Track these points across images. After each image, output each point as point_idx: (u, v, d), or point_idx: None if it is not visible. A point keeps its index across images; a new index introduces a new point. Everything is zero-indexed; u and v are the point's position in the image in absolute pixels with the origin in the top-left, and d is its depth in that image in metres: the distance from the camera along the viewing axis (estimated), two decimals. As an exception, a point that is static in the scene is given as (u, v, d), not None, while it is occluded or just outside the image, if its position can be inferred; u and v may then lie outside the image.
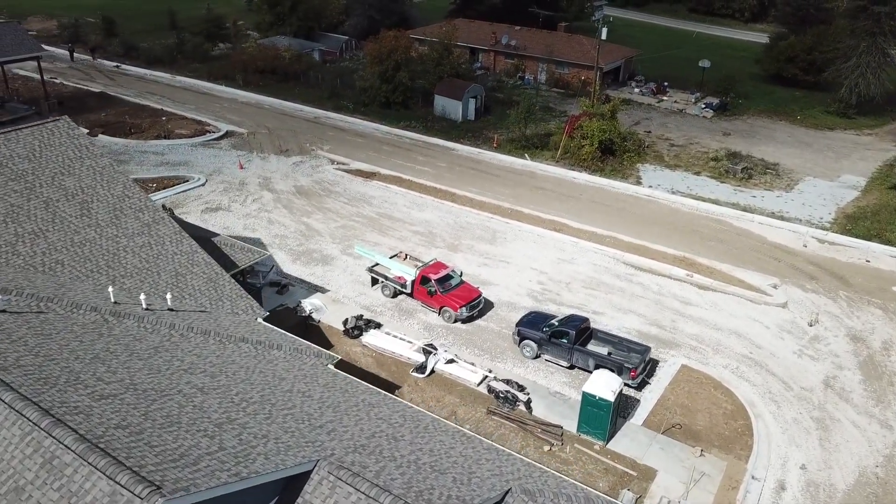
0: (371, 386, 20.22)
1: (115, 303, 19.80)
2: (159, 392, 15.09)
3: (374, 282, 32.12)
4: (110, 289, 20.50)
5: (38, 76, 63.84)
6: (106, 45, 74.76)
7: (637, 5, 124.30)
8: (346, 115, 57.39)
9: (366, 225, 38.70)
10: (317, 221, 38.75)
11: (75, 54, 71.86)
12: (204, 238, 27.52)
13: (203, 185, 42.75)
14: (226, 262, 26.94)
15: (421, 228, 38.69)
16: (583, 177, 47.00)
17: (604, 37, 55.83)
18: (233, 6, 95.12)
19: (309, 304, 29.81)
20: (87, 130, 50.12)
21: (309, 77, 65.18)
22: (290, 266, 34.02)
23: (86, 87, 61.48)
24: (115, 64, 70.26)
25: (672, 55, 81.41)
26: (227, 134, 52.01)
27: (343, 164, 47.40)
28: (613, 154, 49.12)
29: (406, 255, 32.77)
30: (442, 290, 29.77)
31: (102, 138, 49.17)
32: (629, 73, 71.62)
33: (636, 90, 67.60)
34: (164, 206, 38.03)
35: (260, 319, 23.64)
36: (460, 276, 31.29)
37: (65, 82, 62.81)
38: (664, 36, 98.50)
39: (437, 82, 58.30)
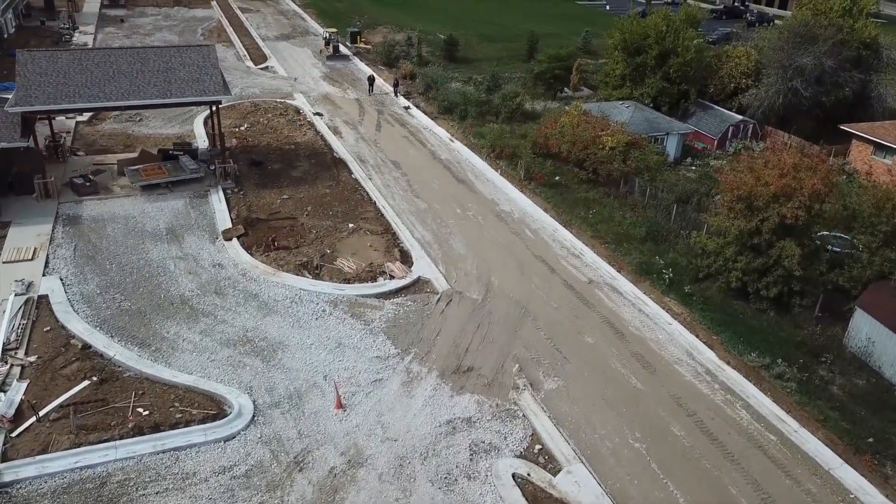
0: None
1: None
2: None
3: None
4: None
5: (303, 106, 49.86)
6: (411, 77, 57.95)
7: None
8: (648, 295, 29.19)
9: None
10: None
11: (376, 83, 56.42)
12: None
13: (231, 436, 20.65)
14: None
15: None
16: None
17: None
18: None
19: None
20: (228, 227, 32.45)
21: (635, 186, 37.90)
22: None
23: (328, 139, 44.68)
24: (406, 105, 52.80)
25: None
26: (413, 285, 29.08)
27: (547, 455, 20.42)
28: None
29: None
30: None
31: (231, 247, 30.82)
32: None
33: None
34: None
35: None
36: None
37: (317, 124, 47.09)
38: None
39: (871, 282, 25.93)
